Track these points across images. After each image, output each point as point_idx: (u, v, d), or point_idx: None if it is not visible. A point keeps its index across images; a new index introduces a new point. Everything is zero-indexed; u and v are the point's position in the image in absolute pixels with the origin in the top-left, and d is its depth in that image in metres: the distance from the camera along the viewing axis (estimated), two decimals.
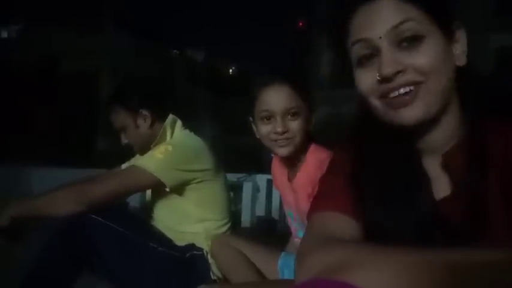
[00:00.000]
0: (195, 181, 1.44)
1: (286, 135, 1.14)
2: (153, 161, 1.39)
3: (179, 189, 1.43)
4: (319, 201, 0.70)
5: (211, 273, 1.39)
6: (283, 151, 1.16)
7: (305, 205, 1.11)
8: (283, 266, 1.17)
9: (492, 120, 0.60)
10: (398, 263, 0.50)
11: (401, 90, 0.60)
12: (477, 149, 0.59)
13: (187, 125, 1.61)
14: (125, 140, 1.55)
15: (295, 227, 1.23)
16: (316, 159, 1.13)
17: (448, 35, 0.61)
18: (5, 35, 18.55)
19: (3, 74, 15.74)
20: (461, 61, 0.62)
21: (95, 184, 1.35)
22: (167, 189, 1.41)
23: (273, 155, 1.29)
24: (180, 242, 1.45)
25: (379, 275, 0.49)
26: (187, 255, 1.41)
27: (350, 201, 0.66)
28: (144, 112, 1.51)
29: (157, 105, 1.55)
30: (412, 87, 0.59)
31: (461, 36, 0.63)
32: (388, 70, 0.59)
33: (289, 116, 1.14)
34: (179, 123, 1.56)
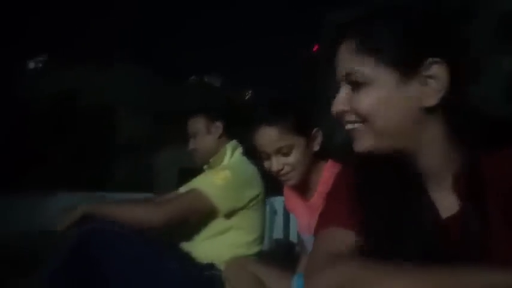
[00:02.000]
0: (246, 207, 1.50)
1: (283, 171, 1.16)
2: (213, 187, 1.45)
3: (229, 214, 1.48)
4: (325, 218, 0.72)
5: None
6: (289, 184, 1.19)
7: None
8: None
9: (489, 146, 0.59)
10: (404, 282, 0.51)
11: (349, 126, 0.65)
12: (477, 174, 0.59)
13: None
14: (192, 146, 1.67)
15: None
16: (332, 176, 1.12)
17: (408, 78, 0.60)
18: (24, 67, 19.31)
19: (28, 108, 16.31)
20: (431, 101, 0.59)
21: (167, 203, 1.46)
22: (219, 215, 1.46)
23: None
24: (204, 259, 1.47)
25: None
26: (206, 273, 1.41)
27: (356, 218, 0.66)
28: (218, 123, 1.65)
29: (230, 122, 1.69)
30: (356, 125, 0.64)
31: (438, 73, 0.59)
32: (335, 108, 0.65)
33: (283, 152, 1.15)
34: (240, 149, 1.65)
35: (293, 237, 4.44)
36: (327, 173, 1.17)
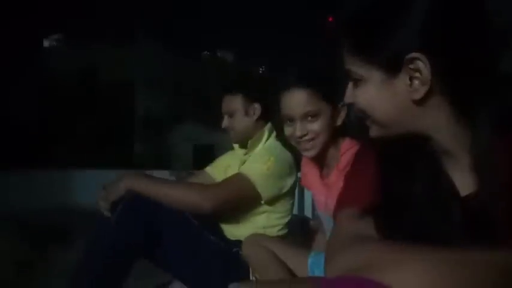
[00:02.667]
0: (283, 193, 1.51)
1: (306, 137, 1.16)
2: (259, 175, 1.45)
3: (269, 201, 1.50)
4: (346, 198, 0.73)
5: (250, 273, 1.39)
6: (308, 154, 1.19)
7: None
8: (313, 265, 1.17)
9: (506, 126, 0.60)
10: (424, 262, 0.51)
11: (360, 115, 0.70)
12: (493, 153, 0.59)
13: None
14: (226, 124, 1.63)
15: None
16: (350, 155, 1.12)
17: (392, 76, 0.62)
18: (46, 44, 19.45)
19: (47, 84, 16.53)
20: (417, 95, 0.61)
21: (217, 188, 1.46)
22: (262, 202, 1.48)
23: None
24: (231, 236, 1.51)
25: (405, 273, 0.50)
26: (234, 250, 1.45)
27: (375, 199, 0.67)
28: (256, 105, 1.59)
29: (269, 104, 1.64)
30: (362, 115, 0.69)
31: (419, 68, 0.60)
32: (345, 100, 0.71)
33: (309, 118, 1.15)
34: (274, 133, 1.63)
35: (308, 213, 4.47)
36: (345, 151, 1.17)
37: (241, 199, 1.48)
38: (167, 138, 17.86)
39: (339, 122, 1.19)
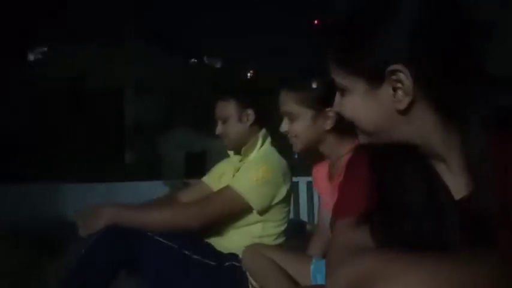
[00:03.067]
0: (277, 202, 1.49)
1: (289, 134, 1.23)
2: (250, 188, 1.44)
3: (262, 211, 1.48)
4: (341, 208, 0.72)
5: (249, 285, 1.36)
6: (293, 148, 1.25)
7: None
8: (315, 272, 1.16)
9: (496, 129, 0.61)
10: (418, 272, 0.51)
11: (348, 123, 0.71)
12: (483, 156, 0.60)
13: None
14: (220, 130, 1.60)
15: None
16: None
17: (375, 86, 0.63)
18: (31, 57, 19.29)
19: (34, 93, 16.37)
20: (401, 105, 0.62)
21: (204, 205, 1.45)
22: (252, 211, 1.46)
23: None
24: (223, 249, 1.48)
25: (400, 285, 0.51)
26: (226, 264, 1.41)
27: (370, 207, 0.67)
28: (250, 111, 1.57)
29: (263, 110, 1.63)
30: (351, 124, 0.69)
31: (401, 79, 0.60)
32: (334, 108, 0.73)
33: (288, 118, 1.22)
34: (269, 139, 1.62)
35: (303, 216, 4.47)
36: (348, 152, 1.17)
37: (231, 213, 1.46)
38: (157, 145, 17.78)
39: (328, 126, 1.19)
